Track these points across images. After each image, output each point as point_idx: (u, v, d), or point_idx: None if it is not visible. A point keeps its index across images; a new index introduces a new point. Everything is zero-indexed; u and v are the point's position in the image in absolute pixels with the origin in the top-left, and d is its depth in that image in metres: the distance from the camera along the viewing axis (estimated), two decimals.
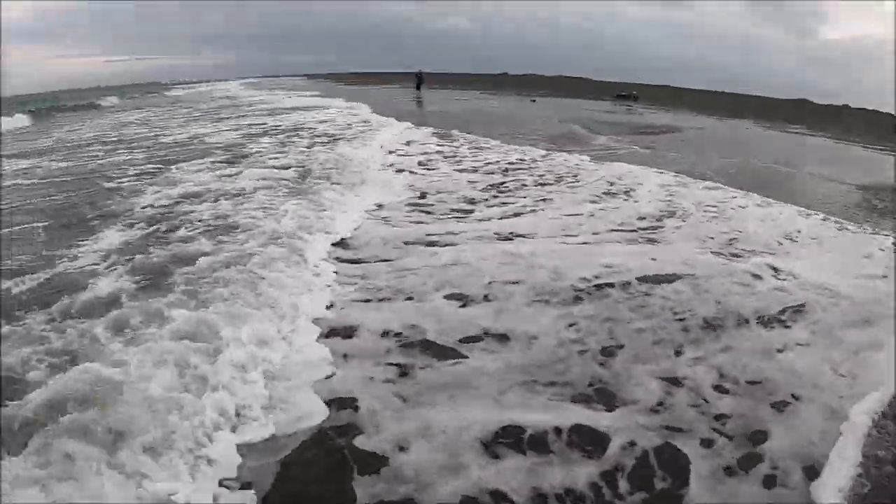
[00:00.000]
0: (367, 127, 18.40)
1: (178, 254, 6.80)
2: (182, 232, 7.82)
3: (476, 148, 14.30)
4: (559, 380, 4.04)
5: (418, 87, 37.53)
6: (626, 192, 9.80)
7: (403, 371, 4.22)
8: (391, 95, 35.29)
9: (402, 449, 3.36)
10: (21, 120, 28.05)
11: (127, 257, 6.78)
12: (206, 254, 6.62)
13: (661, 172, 11.45)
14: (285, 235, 7.33)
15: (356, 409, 3.80)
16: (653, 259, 6.44)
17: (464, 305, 5.30)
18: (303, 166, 11.95)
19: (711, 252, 6.81)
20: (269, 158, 13.19)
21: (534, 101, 29.59)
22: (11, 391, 3.82)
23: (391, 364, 4.32)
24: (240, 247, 6.88)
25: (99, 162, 14.37)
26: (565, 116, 22.00)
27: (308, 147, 14.66)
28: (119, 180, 11.58)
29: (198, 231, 7.78)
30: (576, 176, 10.90)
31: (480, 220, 8.18)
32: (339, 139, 15.77)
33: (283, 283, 5.80)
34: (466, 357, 4.37)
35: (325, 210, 8.67)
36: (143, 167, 12.93)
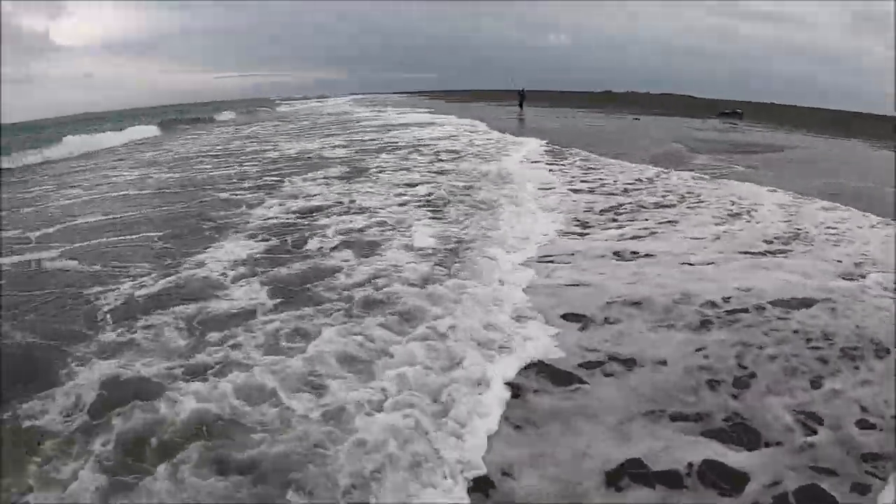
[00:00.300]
0: (491, 143, 17.63)
1: (317, 266, 6.85)
2: (313, 245, 7.83)
3: (589, 168, 13.71)
4: (688, 411, 3.90)
5: (521, 105, 37.71)
6: (747, 213, 9.51)
7: (515, 394, 4.14)
8: (495, 113, 35.30)
9: (507, 474, 3.32)
10: (151, 130, 33.73)
11: (262, 269, 6.90)
12: (339, 268, 6.67)
13: (774, 191, 11.18)
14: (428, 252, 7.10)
15: None
16: (786, 282, 6.20)
17: (583, 328, 5.17)
18: (429, 182, 11.76)
19: (843, 277, 6.50)
20: (392, 174, 13.25)
21: (637, 119, 28.70)
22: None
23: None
24: (379, 260, 6.93)
25: (213, 173, 15.21)
26: (667, 135, 21.32)
27: (430, 162, 14.07)
28: (233, 191, 12.05)
29: (333, 244, 7.80)
30: (698, 196, 10.61)
31: (600, 240, 7.94)
32: (464, 155, 15.01)
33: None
34: (586, 383, 4.27)
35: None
36: (257, 180, 13.43)
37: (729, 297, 5.68)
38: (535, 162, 13.84)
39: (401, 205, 9.85)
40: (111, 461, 3.47)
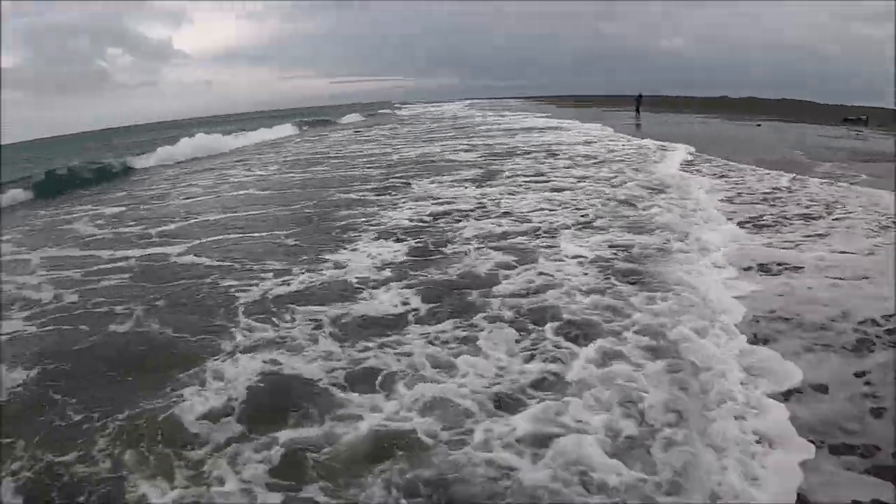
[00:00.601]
0: (630, 149, 16.62)
1: (467, 272, 6.46)
2: (456, 248, 7.44)
3: (721, 175, 12.17)
4: (855, 442, 3.45)
5: (637, 110, 36.53)
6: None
7: None
8: (614, 118, 34.08)
9: None
10: (289, 129, 39.67)
11: (407, 272, 6.64)
12: (492, 273, 6.21)
13: None
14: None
15: None
16: None
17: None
18: (572, 189, 11.10)
19: None
20: (529, 178, 12.56)
21: (759, 125, 26.93)
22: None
23: None
24: (535, 267, 6.29)
25: (335, 174, 15.62)
26: (789, 141, 19.14)
27: (568, 167, 13.53)
28: (359, 192, 12.19)
29: (478, 248, 7.33)
30: (844, 206, 9.26)
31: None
32: (605, 161, 14.17)
33: None
34: None
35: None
36: (382, 181, 13.52)
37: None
38: (693, 169, 12.64)
39: (544, 209, 9.26)
40: (271, 476, 3.28)
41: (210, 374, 4.44)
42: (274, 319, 5.41)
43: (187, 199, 13.20)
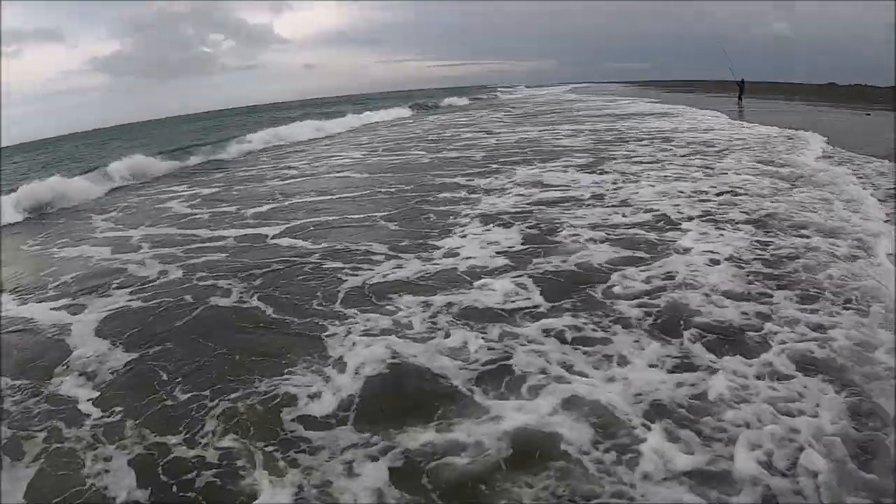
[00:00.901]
0: (753, 138, 15.47)
1: (586, 265, 6.09)
2: (574, 239, 7.06)
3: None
4: None
5: (740, 97, 34.58)
6: None
7: None
8: (720, 103, 32.01)
9: None
10: (404, 111, 42.39)
11: (521, 262, 6.38)
12: (611, 269, 5.80)
13: None
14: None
15: None
16: None
17: None
18: (697, 180, 10.32)
19: None
20: (644, 166, 11.86)
21: (868, 114, 24.45)
22: None
23: None
24: (665, 264, 5.86)
25: (434, 156, 15.61)
26: None
27: (688, 155, 12.76)
28: (461, 176, 12.06)
29: (595, 239, 6.93)
30: None
31: None
32: (729, 150, 13.27)
33: None
34: None
35: None
36: (486, 166, 13.35)
37: None
38: (833, 162, 11.52)
39: (668, 199, 8.68)
40: (393, 482, 3.08)
41: (323, 358, 4.36)
42: (388, 307, 5.28)
43: (283, 181, 13.63)
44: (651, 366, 4.00)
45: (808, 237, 6.51)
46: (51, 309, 6.17)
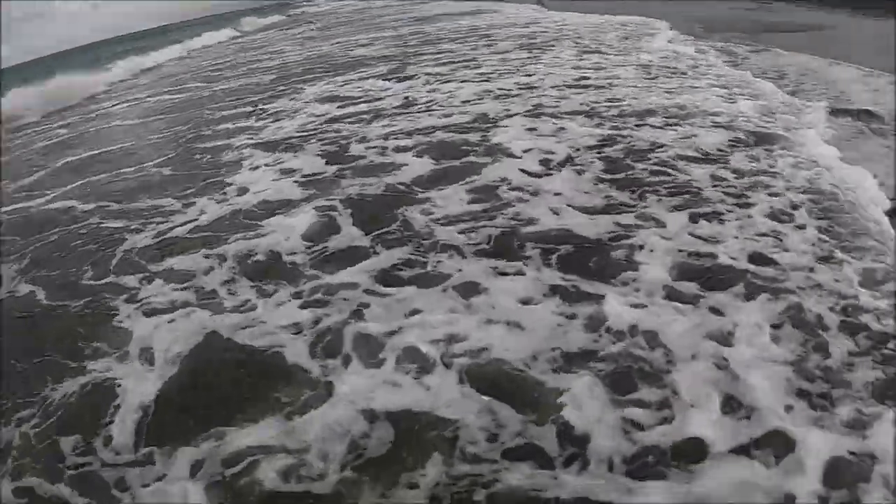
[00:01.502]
0: (569, 27, 15.38)
1: (396, 186, 5.75)
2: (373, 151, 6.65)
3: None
4: None
5: None
6: None
7: None
8: None
9: None
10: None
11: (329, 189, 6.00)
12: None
13: None
14: None
15: None
16: None
17: None
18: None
19: None
20: (459, 65, 11.35)
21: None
22: None
23: None
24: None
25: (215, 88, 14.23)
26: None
27: (505, 52, 12.39)
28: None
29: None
30: None
31: None
32: (554, 42, 13.03)
33: None
34: None
35: None
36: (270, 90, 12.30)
37: None
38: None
39: (484, 100, 8.30)
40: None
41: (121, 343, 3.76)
42: (177, 268, 4.66)
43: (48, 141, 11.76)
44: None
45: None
46: None
